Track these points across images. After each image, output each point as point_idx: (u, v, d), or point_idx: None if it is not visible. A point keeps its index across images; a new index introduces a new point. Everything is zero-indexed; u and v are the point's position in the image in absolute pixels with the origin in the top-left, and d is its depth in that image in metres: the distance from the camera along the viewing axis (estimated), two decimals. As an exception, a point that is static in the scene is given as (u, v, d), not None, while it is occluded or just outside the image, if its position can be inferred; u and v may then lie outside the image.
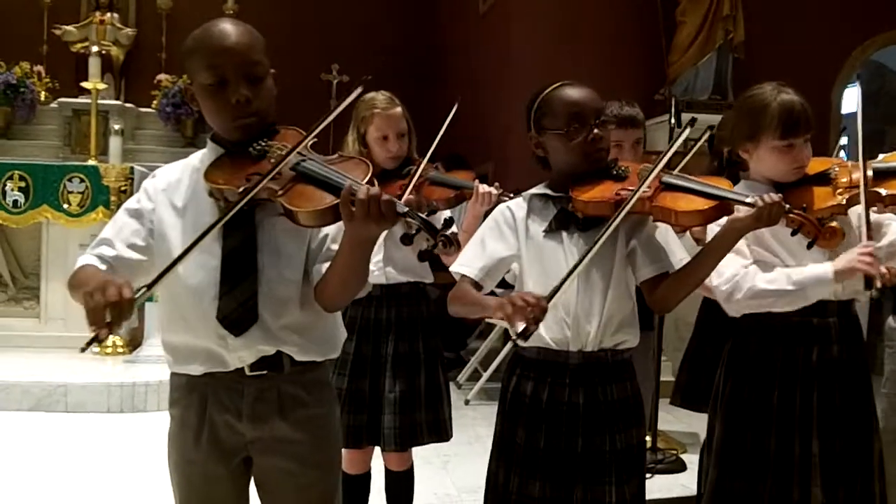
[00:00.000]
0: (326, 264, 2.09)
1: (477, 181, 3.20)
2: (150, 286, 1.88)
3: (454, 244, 1.82)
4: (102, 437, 5.20)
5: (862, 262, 2.45)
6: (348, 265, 2.01)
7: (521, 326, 2.09)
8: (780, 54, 7.17)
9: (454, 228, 2.83)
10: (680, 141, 2.29)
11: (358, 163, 2.03)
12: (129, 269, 2.07)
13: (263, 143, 2.04)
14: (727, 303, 2.65)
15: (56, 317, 6.94)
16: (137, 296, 1.82)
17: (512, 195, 2.87)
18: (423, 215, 1.84)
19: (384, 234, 3.11)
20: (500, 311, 2.15)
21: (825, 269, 2.53)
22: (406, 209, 1.84)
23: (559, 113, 2.42)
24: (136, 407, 5.76)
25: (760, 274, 2.59)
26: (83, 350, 1.81)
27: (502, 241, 2.47)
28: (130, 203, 2.20)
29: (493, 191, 3.11)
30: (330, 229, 2.10)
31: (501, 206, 2.57)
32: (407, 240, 1.84)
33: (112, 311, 1.74)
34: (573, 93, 2.43)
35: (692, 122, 2.35)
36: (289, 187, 1.96)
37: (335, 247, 2.08)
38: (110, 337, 1.89)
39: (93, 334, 1.75)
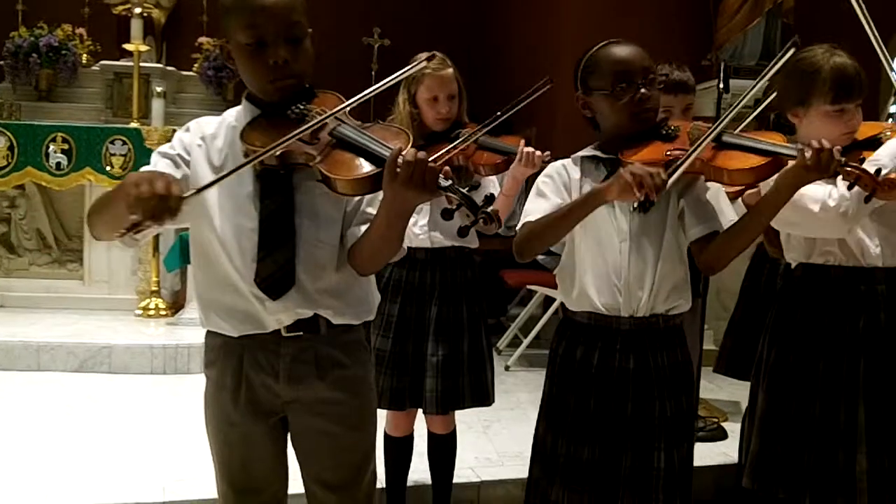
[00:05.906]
0: (362, 227, 2.09)
1: (523, 142, 3.16)
2: (199, 190, 1.86)
3: (495, 221, 1.80)
4: (145, 398, 5.25)
5: None
6: (383, 237, 2.01)
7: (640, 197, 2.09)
8: (830, 20, 7.01)
9: (495, 191, 2.80)
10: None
11: (398, 132, 2.01)
12: None
13: (302, 107, 2.01)
14: (843, 219, 2.45)
15: (100, 279, 6.98)
16: (186, 195, 1.78)
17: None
18: (465, 190, 1.82)
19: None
20: (614, 186, 2.13)
21: None
22: (448, 183, 1.83)
23: (605, 72, 2.37)
24: (178, 369, 5.83)
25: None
26: (122, 235, 1.73)
27: (560, 196, 2.43)
28: (164, 148, 2.14)
29: (539, 153, 3.07)
30: None
31: (556, 164, 2.54)
32: (448, 214, 1.83)
33: (158, 204, 1.70)
34: (619, 51, 2.39)
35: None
36: (327, 153, 1.94)
37: (371, 210, 2.08)
38: (151, 231, 1.81)
39: (133, 223, 1.70)
